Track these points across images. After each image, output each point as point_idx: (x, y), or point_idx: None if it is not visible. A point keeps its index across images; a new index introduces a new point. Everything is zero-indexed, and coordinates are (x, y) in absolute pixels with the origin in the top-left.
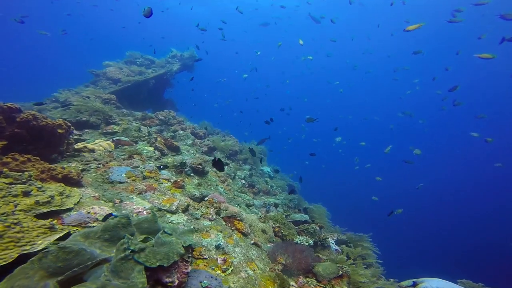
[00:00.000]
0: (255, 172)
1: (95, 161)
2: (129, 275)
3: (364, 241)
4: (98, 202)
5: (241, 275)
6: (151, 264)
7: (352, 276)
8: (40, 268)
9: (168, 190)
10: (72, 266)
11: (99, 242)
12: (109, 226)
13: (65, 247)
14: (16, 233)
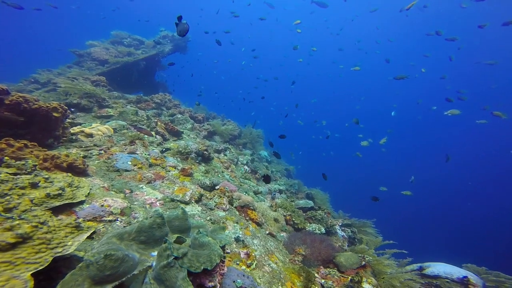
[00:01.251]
0: (256, 157)
1: (95, 147)
2: (175, 284)
3: (368, 227)
4: (109, 193)
5: (265, 269)
6: (195, 269)
7: (376, 266)
8: (87, 276)
9: (177, 178)
10: (119, 274)
11: (134, 244)
12: (144, 227)
13: (111, 255)
14: (45, 234)
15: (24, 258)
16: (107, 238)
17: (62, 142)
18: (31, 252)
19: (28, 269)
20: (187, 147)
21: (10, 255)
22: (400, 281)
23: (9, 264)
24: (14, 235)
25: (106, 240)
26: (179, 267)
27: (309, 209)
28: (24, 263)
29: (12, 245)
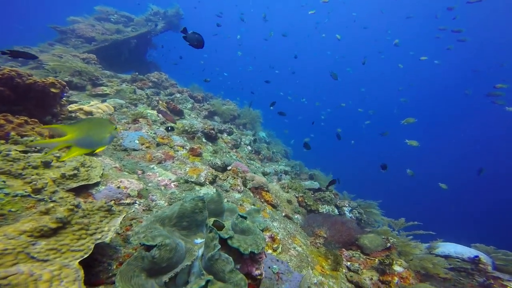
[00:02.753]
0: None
1: None
2: (224, 278)
3: (373, 208)
4: (122, 174)
5: (292, 253)
6: (244, 250)
7: (403, 248)
8: (143, 269)
9: (187, 158)
10: (172, 264)
11: (176, 231)
12: (187, 211)
13: (165, 245)
14: (82, 218)
15: (68, 245)
16: (149, 222)
17: (60, 120)
18: (73, 238)
19: (75, 257)
20: (193, 126)
21: (54, 241)
22: (433, 262)
23: (56, 251)
24: (54, 220)
25: (149, 225)
26: (226, 259)
27: (316, 190)
28: (69, 250)
29: (53, 230)
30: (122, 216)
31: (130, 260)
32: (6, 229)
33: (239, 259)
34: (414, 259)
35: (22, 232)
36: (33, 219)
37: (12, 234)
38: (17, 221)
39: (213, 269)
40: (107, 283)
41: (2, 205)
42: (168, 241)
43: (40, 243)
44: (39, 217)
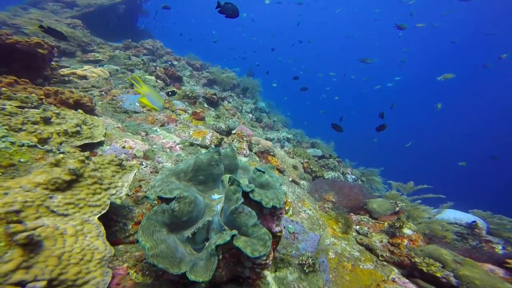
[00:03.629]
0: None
1: (94, 88)
2: (247, 232)
3: (375, 176)
4: (125, 134)
5: (302, 216)
6: (266, 204)
7: (412, 212)
8: (163, 224)
9: (189, 122)
10: (193, 219)
11: (193, 186)
12: (203, 164)
13: (184, 197)
14: (94, 172)
15: (85, 200)
16: (164, 176)
17: (53, 83)
18: (88, 193)
19: (93, 213)
20: (194, 91)
21: (70, 195)
22: (442, 224)
23: (74, 206)
24: (67, 172)
25: (164, 178)
26: (249, 213)
27: (320, 157)
28: (87, 205)
29: (68, 183)
30: (134, 171)
31: (149, 214)
32: (20, 181)
33: (259, 215)
34: (423, 222)
35: (37, 184)
36: (44, 171)
37: (28, 186)
38: (29, 173)
39: (235, 223)
40: (125, 242)
41: (10, 154)
42: (186, 193)
43: (57, 197)
44: (51, 169)
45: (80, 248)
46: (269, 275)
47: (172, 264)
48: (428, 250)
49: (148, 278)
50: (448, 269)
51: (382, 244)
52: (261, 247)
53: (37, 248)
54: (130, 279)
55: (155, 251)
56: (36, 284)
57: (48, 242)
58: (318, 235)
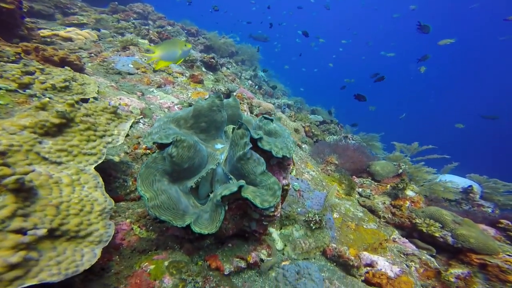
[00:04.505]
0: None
1: (82, 50)
2: (255, 180)
3: (375, 141)
4: (120, 92)
5: (306, 177)
6: (276, 153)
7: (416, 173)
8: (164, 172)
9: (187, 84)
10: (195, 167)
11: (194, 134)
12: (203, 109)
13: (182, 141)
14: (87, 117)
15: (78, 147)
16: (162, 123)
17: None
18: (81, 139)
19: (89, 162)
20: (191, 55)
21: (62, 141)
22: (445, 187)
23: (67, 153)
24: (55, 114)
25: (162, 125)
26: (257, 159)
27: (321, 122)
28: (81, 153)
29: (58, 128)
30: (131, 120)
31: (148, 162)
32: (2, 123)
33: (266, 165)
34: (427, 184)
35: (23, 127)
36: (29, 114)
37: (12, 128)
38: (11, 116)
39: (242, 171)
40: (127, 199)
41: None
42: (183, 137)
43: (47, 142)
44: (36, 112)
45: (78, 198)
46: (274, 232)
47: (175, 216)
48: (430, 211)
49: (152, 233)
50: (447, 229)
51: (385, 206)
52: (270, 197)
53: (32, 196)
54: (134, 234)
55: (155, 201)
56: (37, 232)
57: (43, 191)
58: (324, 193)
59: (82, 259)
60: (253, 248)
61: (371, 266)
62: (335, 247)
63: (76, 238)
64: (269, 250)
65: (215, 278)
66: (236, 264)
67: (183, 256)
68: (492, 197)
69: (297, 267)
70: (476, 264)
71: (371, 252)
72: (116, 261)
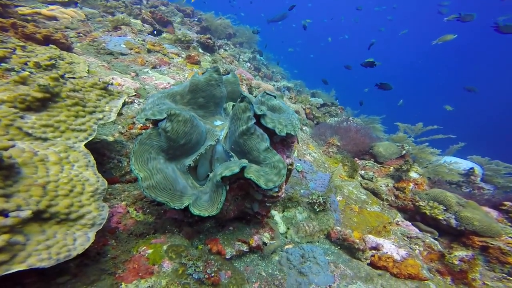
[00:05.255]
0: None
1: (69, 30)
2: (258, 157)
3: (376, 123)
4: (112, 72)
5: (307, 158)
6: (280, 131)
7: (420, 154)
8: (160, 149)
9: (184, 65)
10: (192, 144)
11: (192, 110)
12: (200, 84)
13: (177, 115)
14: (74, 92)
15: (66, 123)
16: (156, 98)
17: None
18: (69, 115)
19: (79, 138)
20: (186, 35)
21: (47, 116)
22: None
23: (54, 129)
24: (37, 88)
25: (156, 100)
26: (260, 135)
27: (322, 105)
28: (69, 129)
29: (41, 102)
30: (123, 97)
31: (142, 138)
32: None
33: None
34: (430, 166)
35: (1, 101)
36: (7, 89)
37: None
38: None
39: (245, 147)
40: (122, 181)
41: None
42: (178, 111)
43: (30, 117)
44: (15, 87)
45: (67, 178)
46: (277, 215)
47: (172, 197)
48: (434, 193)
49: (150, 216)
50: (451, 212)
51: (388, 188)
52: (275, 177)
53: (14, 174)
54: (130, 217)
55: (150, 181)
56: (20, 213)
57: (28, 169)
58: (327, 174)
59: (74, 243)
60: (255, 231)
61: (377, 249)
62: (339, 230)
63: (66, 221)
64: (272, 233)
65: (216, 263)
66: (238, 248)
67: (182, 240)
68: (493, 179)
69: (301, 250)
70: (478, 246)
71: (375, 235)
72: (113, 245)
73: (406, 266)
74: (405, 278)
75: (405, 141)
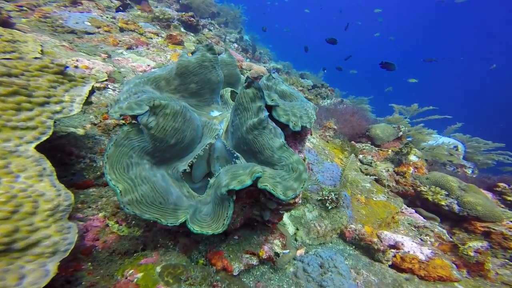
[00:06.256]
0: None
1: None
2: (271, 158)
3: (364, 103)
4: (77, 54)
5: (306, 145)
6: (294, 125)
7: (417, 136)
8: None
9: (165, 46)
10: (186, 144)
11: (182, 99)
12: (191, 66)
13: (163, 106)
14: (10, 77)
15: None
16: (133, 85)
17: None
18: (4, 108)
19: (25, 139)
20: (165, 12)
21: None
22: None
23: None
24: None
25: (133, 88)
26: (273, 129)
27: (312, 87)
28: (8, 127)
29: None
30: (89, 84)
31: (118, 138)
32: None
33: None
34: (427, 148)
35: None
36: None
37: None
38: None
39: (255, 145)
40: (98, 184)
41: None
42: (164, 101)
43: None
44: None
45: (6, 195)
46: (284, 214)
47: (164, 212)
48: (435, 177)
49: (136, 229)
50: (453, 196)
51: (389, 173)
52: (295, 183)
53: None
54: (111, 232)
55: (133, 195)
56: None
57: None
58: (334, 164)
59: (20, 282)
60: (264, 238)
61: (396, 248)
62: (354, 228)
63: (7, 252)
64: (283, 239)
65: (223, 283)
66: (247, 262)
67: (179, 257)
68: (473, 156)
69: (319, 258)
70: (480, 232)
71: (385, 228)
72: (88, 269)
73: (435, 268)
74: (434, 280)
75: (401, 122)
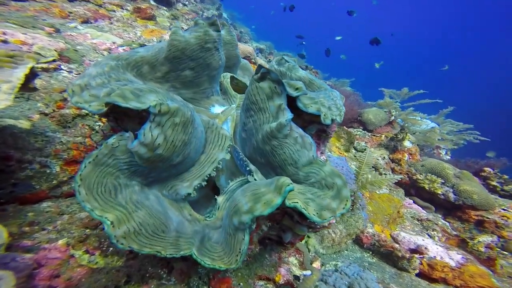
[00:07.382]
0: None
1: None
2: (298, 173)
3: (346, 86)
4: (5, 24)
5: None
6: (325, 119)
7: (408, 120)
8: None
9: (133, 20)
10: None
11: (172, 89)
12: (190, 47)
13: (171, 112)
14: None
15: None
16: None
17: None
18: None
19: None
20: None
21: None
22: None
23: None
24: None
25: (110, 72)
26: (300, 138)
27: None
28: None
29: None
30: (26, 65)
31: (100, 155)
32: None
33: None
34: (418, 131)
35: None
36: None
37: None
38: None
39: (274, 158)
40: (55, 196)
41: None
42: (172, 103)
43: None
44: None
45: None
46: None
47: (166, 242)
48: (431, 165)
49: (116, 258)
50: (448, 185)
51: (385, 161)
52: (334, 202)
53: None
54: (78, 264)
55: (129, 225)
56: None
57: None
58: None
59: None
60: (278, 257)
61: (419, 253)
62: (372, 233)
63: None
64: (300, 256)
65: None
66: None
67: None
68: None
69: (345, 277)
70: (473, 221)
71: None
72: None
73: (473, 277)
74: None
75: (392, 106)
